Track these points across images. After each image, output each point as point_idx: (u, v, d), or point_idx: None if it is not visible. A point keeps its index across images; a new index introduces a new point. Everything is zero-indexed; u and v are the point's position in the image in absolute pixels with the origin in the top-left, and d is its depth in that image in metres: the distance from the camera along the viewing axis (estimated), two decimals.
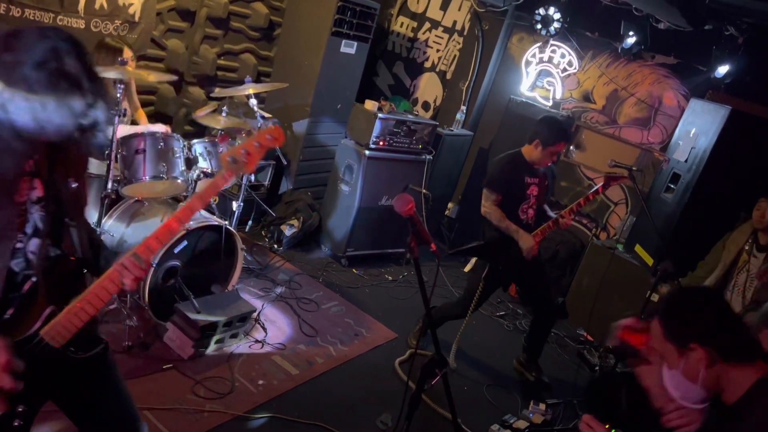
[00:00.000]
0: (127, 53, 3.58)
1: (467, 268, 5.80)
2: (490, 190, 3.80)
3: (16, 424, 1.65)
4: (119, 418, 1.91)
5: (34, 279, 1.67)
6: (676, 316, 1.70)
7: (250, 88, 3.98)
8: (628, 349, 1.87)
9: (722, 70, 4.75)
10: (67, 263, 1.73)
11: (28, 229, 1.64)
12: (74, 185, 1.73)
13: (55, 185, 1.67)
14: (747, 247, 4.06)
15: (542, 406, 3.78)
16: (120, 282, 1.64)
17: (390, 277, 5.22)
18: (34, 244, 1.66)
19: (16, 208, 1.60)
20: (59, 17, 3.87)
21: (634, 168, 3.80)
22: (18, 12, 3.66)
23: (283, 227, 5.11)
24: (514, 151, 3.91)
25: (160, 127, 3.70)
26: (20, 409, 1.64)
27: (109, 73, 3.12)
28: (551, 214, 3.93)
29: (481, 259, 3.99)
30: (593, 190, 3.85)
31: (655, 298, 4.52)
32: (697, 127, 4.58)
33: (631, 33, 5.09)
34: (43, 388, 1.70)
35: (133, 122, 3.92)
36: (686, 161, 4.58)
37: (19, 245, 1.63)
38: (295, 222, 5.18)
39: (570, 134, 3.83)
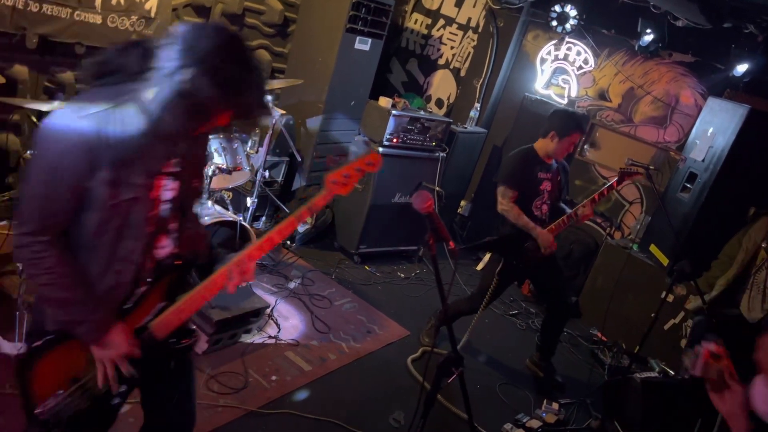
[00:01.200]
0: None
1: (480, 267, 5.78)
2: (506, 186, 3.78)
3: (115, 402, 1.76)
4: (185, 408, 1.99)
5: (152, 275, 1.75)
6: None
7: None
8: (712, 373, 1.79)
9: (741, 68, 4.69)
10: (180, 260, 1.80)
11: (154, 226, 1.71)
12: (195, 184, 1.82)
13: (187, 185, 1.74)
14: (765, 245, 4.00)
15: (555, 406, 3.77)
16: (223, 286, 1.73)
17: (402, 275, 5.22)
18: (162, 241, 1.74)
19: (151, 206, 1.66)
20: (76, 12, 3.89)
21: (651, 167, 3.76)
22: (36, 7, 3.69)
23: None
24: (527, 146, 3.89)
25: None
26: (122, 389, 1.75)
27: None
28: (567, 209, 3.91)
29: (495, 254, 3.97)
30: (607, 185, 3.81)
31: (670, 298, 4.49)
32: (715, 127, 4.53)
33: (648, 30, 5.04)
34: (140, 374, 1.78)
35: None
36: (703, 160, 4.54)
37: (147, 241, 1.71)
38: (308, 218, 5.18)
39: (584, 124, 3.80)
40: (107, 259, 1.63)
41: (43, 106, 3.11)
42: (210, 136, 1.68)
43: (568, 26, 5.48)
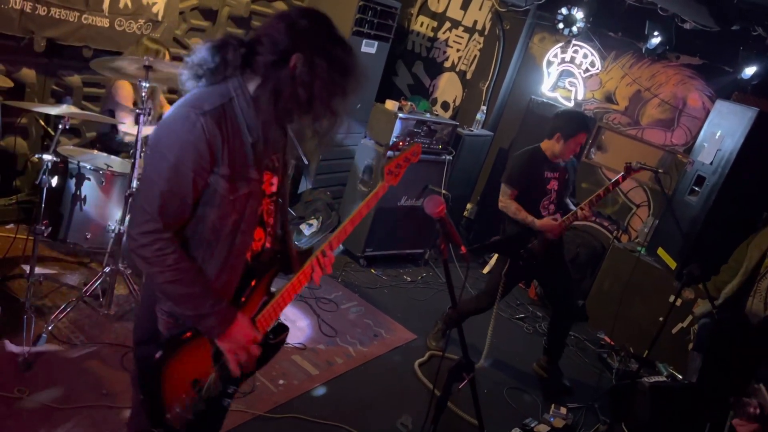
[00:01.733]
0: (167, 57, 3.66)
1: (486, 270, 5.77)
2: (507, 184, 3.79)
3: (226, 403, 1.80)
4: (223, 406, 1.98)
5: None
6: None
7: None
8: None
9: (749, 71, 4.67)
10: (278, 255, 1.83)
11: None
12: (287, 180, 1.86)
13: (283, 180, 1.78)
14: None
15: (563, 410, 3.74)
16: (310, 278, 1.79)
17: (409, 278, 5.20)
18: (258, 235, 1.76)
19: (261, 200, 1.70)
20: (84, 16, 3.90)
21: (660, 170, 3.74)
22: (44, 10, 3.69)
23: (302, 226, 5.11)
24: (533, 146, 3.88)
25: None
26: (231, 390, 1.79)
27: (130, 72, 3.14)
28: (573, 207, 3.90)
29: (501, 255, 3.96)
30: (613, 180, 3.78)
31: (678, 302, 4.46)
32: (723, 129, 4.50)
33: (655, 33, 5.02)
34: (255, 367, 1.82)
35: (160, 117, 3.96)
36: (711, 163, 4.51)
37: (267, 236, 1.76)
38: (314, 221, 5.18)
39: (590, 124, 3.80)
40: (225, 255, 1.63)
41: (51, 110, 3.11)
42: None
43: (574, 29, 5.46)
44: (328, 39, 1.55)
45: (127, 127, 3.74)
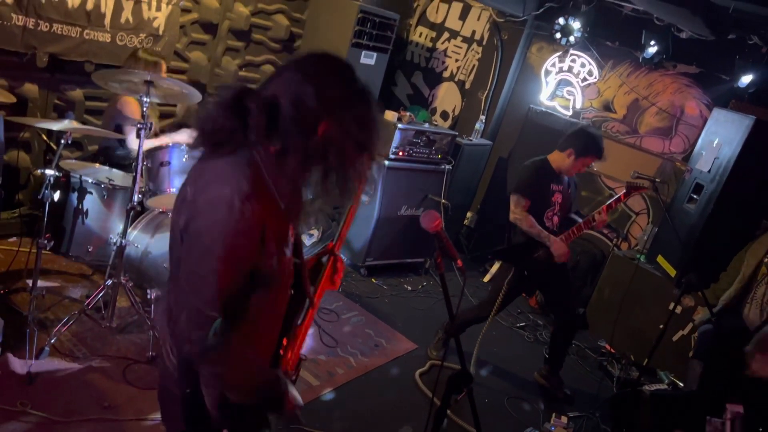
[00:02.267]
0: (164, 68, 3.69)
1: (487, 278, 5.78)
2: (520, 195, 3.79)
3: None
4: None
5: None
6: None
7: None
8: None
9: (746, 79, 4.70)
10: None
11: None
12: None
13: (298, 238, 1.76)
14: (767, 260, 4.00)
15: (564, 419, 3.75)
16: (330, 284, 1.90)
17: (409, 287, 5.22)
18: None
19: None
20: (86, 31, 3.95)
21: (657, 180, 3.77)
22: (46, 26, 3.74)
23: (302, 236, 5.13)
24: (541, 157, 3.90)
25: (184, 137, 3.78)
26: None
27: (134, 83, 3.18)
28: (578, 219, 3.93)
29: (506, 263, 3.98)
30: (614, 198, 3.84)
31: (678, 310, 4.47)
32: (721, 137, 4.53)
33: (652, 42, 5.06)
34: None
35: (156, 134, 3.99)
36: (709, 171, 4.53)
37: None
38: (314, 231, 5.20)
39: (603, 150, 3.82)
40: (268, 325, 1.59)
41: (53, 125, 3.15)
42: None
43: (572, 38, 5.51)
44: (355, 96, 1.46)
45: (135, 141, 3.78)
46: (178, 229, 1.46)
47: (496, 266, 5.79)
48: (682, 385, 4.32)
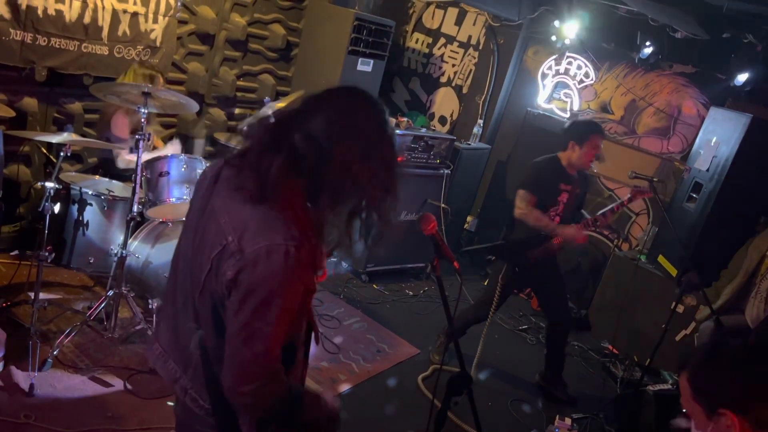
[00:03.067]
0: (161, 81, 3.72)
1: (487, 282, 5.78)
2: (527, 191, 3.78)
3: None
4: None
5: None
6: (704, 375, 1.44)
7: (277, 104, 4.09)
8: None
9: (742, 78, 4.71)
10: None
11: None
12: None
13: None
14: None
15: (568, 421, 3.73)
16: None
17: (411, 292, 5.23)
18: None
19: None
20: (84, 44, 3.98)
21: (655, 179, 3.78)
22: (44, 41, 3.77)
23: None
24: (551, 155, 3.92)
25: (175, 148, 3.83)
26: None
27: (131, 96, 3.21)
28: (586, 215, 3.98)
29: (498, 259, 3.99)
30: (618, 202, 3.86)
31: (680, 309, 4.47)
32: (718, 136, 4.54)
33: (647, 43, 5.08)
34: None
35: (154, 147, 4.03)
36: (708, 170, 4.54)
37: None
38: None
39: (600, 127, 3.86)
40: (299, 351, 1.59)
41: (52, 138, 3.17)
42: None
43: (567, 41, 5.53)
44: (385, 137, 1.47)
45: (124, 159, 3.83)
46: (223, 282, 1.38)
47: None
48: None
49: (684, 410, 1.56)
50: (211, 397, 1.50)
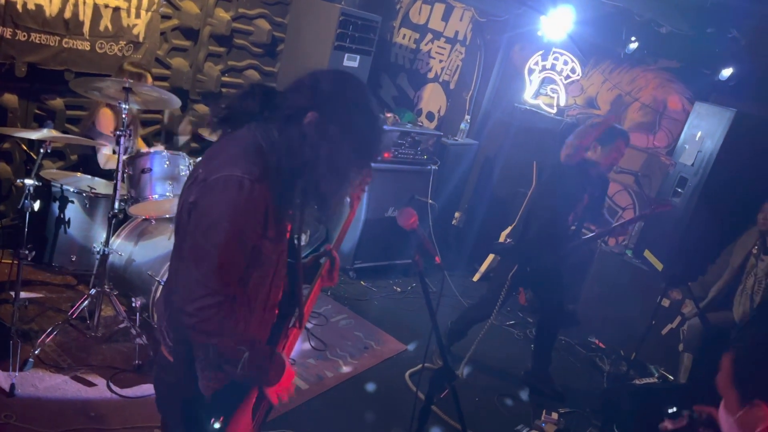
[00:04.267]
0: (149, 80, 3.68)
1: (476, 278, 5.79)
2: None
3: None
4: None
5: None
6: (751, 367, 1.54)
7: None
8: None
9: (726, 73, 4.73)
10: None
11: None
12: None
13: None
14: (755, 251, 4.04)
15: (555, 416, 3.75)
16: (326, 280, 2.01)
17: (398, 289, 5.22)
18: None
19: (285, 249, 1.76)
20: (65, 40, 3.92)
21: (640, 174, 3.79)
22: (24, 36, 3.71)
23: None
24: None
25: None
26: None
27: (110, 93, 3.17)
28: (610, 219, 3.99)
29: (509, 259, 3.96)
30: (639, 216, 3.96)
31: (666, 303, 4.49)
32: (703, 131, 4.56)
33: (633, 38, 5.09)
34: None
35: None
36: (693, 165, 4.57)
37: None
38: (302, 235, 5.19)
39: (624, 131, 3.85)
40: (262, 309, 1.63)
41: (31, 135, 3.13)
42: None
43: (554, 37, 5.53)
44: (350, 105, 1.54)
45: (106, 156, 3.78)
46: (186, 207, 1.53)
47: (485, 265, 5.79)
48: (672, 378, 4.35)
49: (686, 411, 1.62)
50: (175, 333, 1.61)
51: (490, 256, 5.77)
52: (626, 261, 4.84)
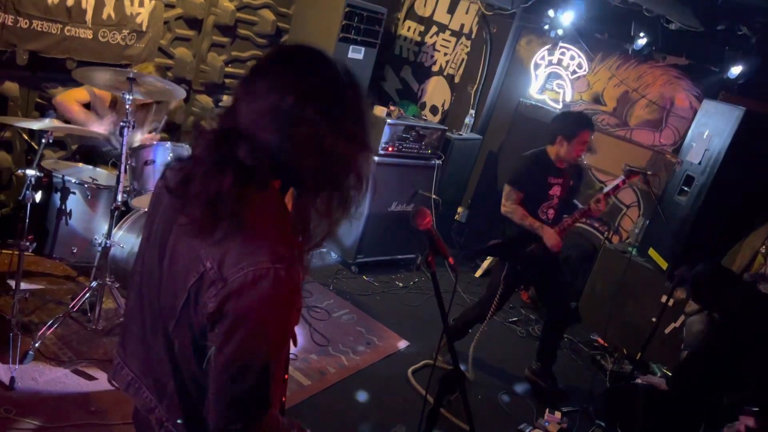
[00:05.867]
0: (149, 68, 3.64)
1: (478, 273, 5.76)
2: (513, 187, 3.73)
3: None
4: None
5: None
6: None
7: None
8: None
9: (735, 70, 4.68)
10: None
11: None
12: None
13: None
14: (763, 250, 4.01)
15: (558, 415, 3.73)
16: None
17: (401, 284, 5.18)
18: None
19: None
20: (67, 28, 3.86)
21: (649, 172, 3.75)
22: (26, 23, 3.65)
23: None
24: (539, 149, 3.85)
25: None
26: None
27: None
28: (580, 206, 3.92)
29: (500, 259, 3.94)
30: (612, 185, 3.77)
31: (671, 302, 4.47)
32: (711, 129, 4.52)
33: (641, 34, 5.03)
34: None
35: None
36: (700, 163, 4.52)
37: None
38: None
39: (589, 121, 3.76)
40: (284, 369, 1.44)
41: (33, 124, 3.08)
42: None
43: (561, 31, 5.47)
44: (343, 93, 1.23)
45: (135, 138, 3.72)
46: (205, 315, 1.19)
47: (487, 261, 5.76)
48: None
49: None
50: (189, 430, 1.35)
51: None
52: (630, 259, 4.80)
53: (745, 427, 1.65)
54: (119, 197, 3.13)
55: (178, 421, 1.34)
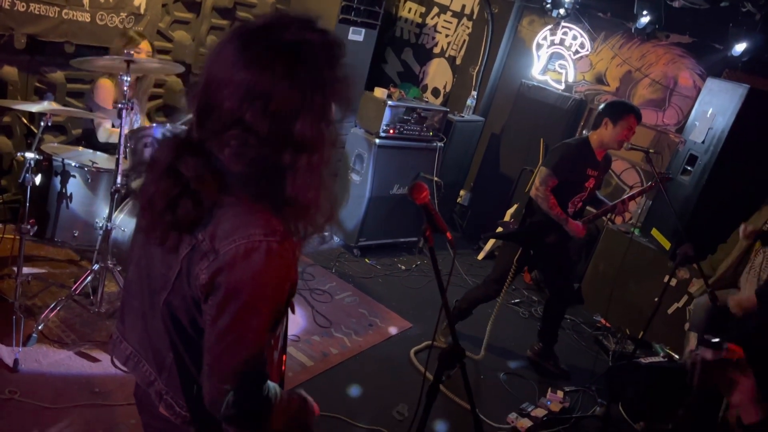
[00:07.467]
0: (145, 46, 3.60)
1: (481, 256, 5.75)
2: (552, 172, 3.62)
3: None
4: None
5: None
6: None
7: None
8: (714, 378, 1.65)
9: (739, 48, 4.62)
10: None
11: None
12: None
13: None
14: (766, 228, 3.98)
15: (560, 394, 3.74)
16: None
17: (403, 267, 5.18)
18: None
19: None
20: (65, 11, 3.84)
21: (651, 151, 3.72)
22: (23, 6, 3.63)
23: None
24: (582, 137, 3.81)
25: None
26: None
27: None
28: (606, 201, 3.92)
29: (514, 242, 3.91)
30: (640, 190, 3.97)
31: (674, 282, 4.45)
32: (714, 107, 4.47)
33: (644, 12, 4.97)
34: None
35: None
36: (703, 142, 4.48)
37: None
38: None
39: (639, 110, 3.73)
40: (277, 345, 1.48)
41: (31, 107, 3.07)
42: None
43: (563, 10, 5.41)
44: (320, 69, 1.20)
45: (106, 130, 3.72)
46: (195, 284, 1.20)
47: (490, 244, 5.75)
48: (677, 357, 4.32)
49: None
50: (189, 402, 1.35)
51: None
52: (633, 240, 4.78)
53: (702, 360, 1.62)
54: (119, 180, 3.13)
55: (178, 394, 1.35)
